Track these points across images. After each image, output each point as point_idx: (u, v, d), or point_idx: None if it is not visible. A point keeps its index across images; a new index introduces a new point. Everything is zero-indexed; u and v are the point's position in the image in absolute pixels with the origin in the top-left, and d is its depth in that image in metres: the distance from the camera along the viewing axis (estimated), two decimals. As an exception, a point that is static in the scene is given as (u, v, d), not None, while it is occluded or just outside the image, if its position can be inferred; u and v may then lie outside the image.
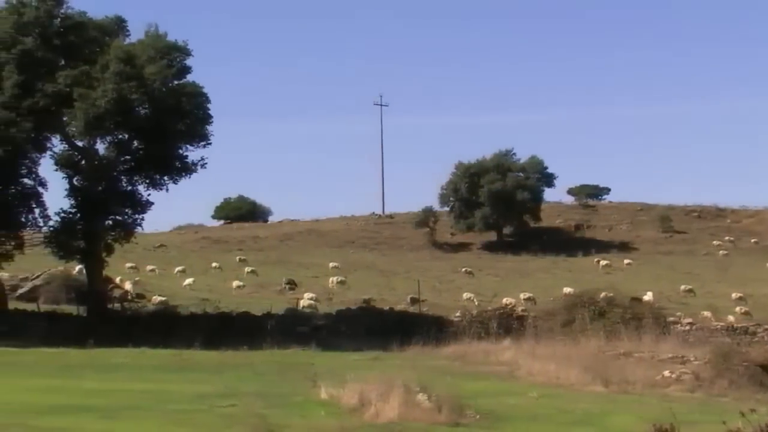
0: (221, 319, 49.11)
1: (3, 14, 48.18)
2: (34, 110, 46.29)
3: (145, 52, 47.48)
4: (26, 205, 48.54)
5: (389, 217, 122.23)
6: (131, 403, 23.28)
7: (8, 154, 44.98)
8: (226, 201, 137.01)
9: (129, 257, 71.31)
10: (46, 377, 30.42)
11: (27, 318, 48.17)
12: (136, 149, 49.85)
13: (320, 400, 23.95)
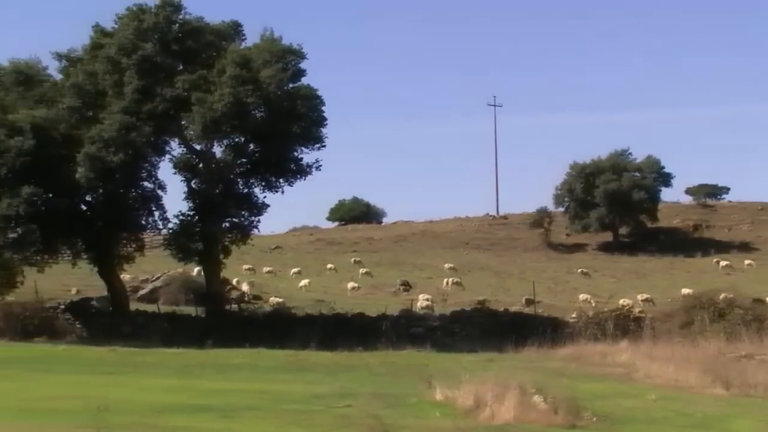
0: (336, 320, 49.38)
1: (124, 21, 49.15)
2: (153, 115, 47.14)
3: (260, 56, 47.93)
4: (146, 208, 49.44)
5: (503, 217, 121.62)
6: (249, 403, 23.54)
7: (129, 158, 45.82)
8: (341, 203, 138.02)
9: (246, 259, 72.28)
10: (167, 377, 30.98)
11: (148, 319, 49.12)
12: (252, 152, 50.40)
13: (435, 401, 23.91)
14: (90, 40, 50.29)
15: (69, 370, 33.03)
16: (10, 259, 45.74)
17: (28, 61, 51.15)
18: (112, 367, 34.59)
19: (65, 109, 47.60)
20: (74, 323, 48.43)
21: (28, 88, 49.83)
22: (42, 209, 45.12)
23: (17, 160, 44.33)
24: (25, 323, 46.81)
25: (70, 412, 21.02)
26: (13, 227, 45.15)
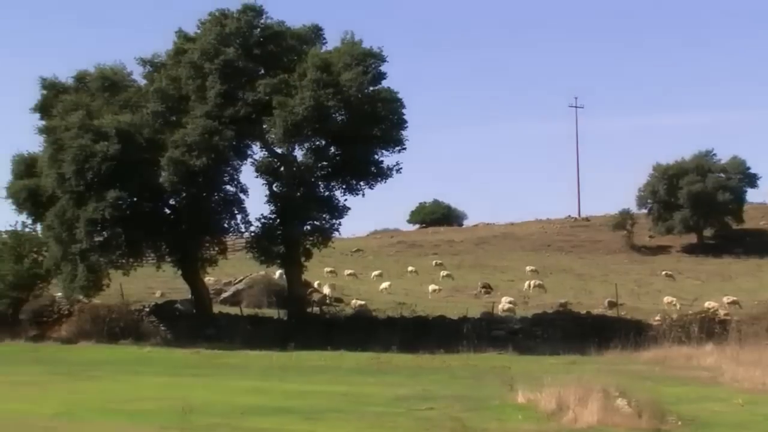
0: (417, 322, 49.33)
1: (206, 26, 49.66)
2: (235, 119, 47.58)
3: (341, 59, 48.09)
4: (229, 211, 49.82)
5: (585, 219, 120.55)
6: (332, 406, 23.63)
7: (212, 162, 46.25)
8: (422, 205, 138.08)
9: (327, 262, 72.61)
10: (250, 379, 31.25)
11: (231, 321, 49.55)
12: (333, 155, 50.60)
13: (517, 404, 23.78)
14: (173, 45, 50.94)
15: (154, 371, 33.51)
16: (97, 262, 46.48)
17: (114, 67, 51.96)
18: (196, 369, 35.06)
19: (149, 113, 48.23)
20: (159, 326, 49.13)
21: (114, 94, 50.62)
22: (127, 213, 45.82)
23: (103, 164, 45.02)
24: (111, 326, 47.68)
25: (155, 413, 21.31)
26: (99, 231, 45.94)
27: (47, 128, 48.87)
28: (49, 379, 29.69)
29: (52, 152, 46.54)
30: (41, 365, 35.69)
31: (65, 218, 46.10)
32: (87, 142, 45.40)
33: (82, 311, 49.32)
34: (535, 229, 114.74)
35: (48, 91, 52.42)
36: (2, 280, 48.81)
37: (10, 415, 20.01)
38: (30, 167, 50.35)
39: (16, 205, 49.98)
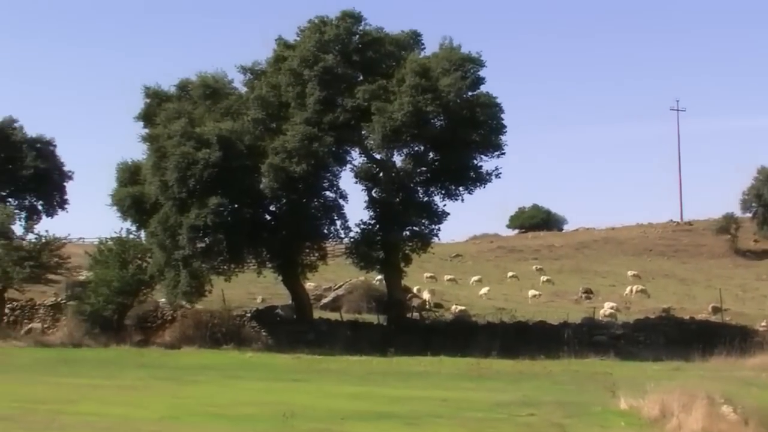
0: (517, 328, 48.96)
1: (306, 33, 50.00)
2: (334, 125, 47.81)
3: (439, 64, 48.01)
4: (328, 217, 50.06)
5: (688, 224, 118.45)
6: (432, 411, 23.55)
7: (311, 168, 46.56)
8: (521, 210, 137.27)
9: (426, 267, 72.57)
10: (351, 384, 31.32)
11: (331, 327, 49.72)
12: (432, 160, 50.51)
13: (620, 411, 23.42)
14: (273, 53, 51.44)
15: (255, 376, 33.79)
16: (199, 268, 47.11)
17: (215, 75, 52.61)
18: (297, 374, 35.26)
19: (250, 121, 48.68)
20: (260, 331, 49.59)
21: (215, 102, 51.24)
22: (228, 219, 46.34)
23: (205, 171, 45.61)
24: (213, 331, 48.30)
25: (257, 418, 21.47)
26: (201, 237, 46.55)
27: (150, 136, 49.75)
28: (154, 384, 30.12)
29: (156, 160, 47.33)
30: (146, 370, 36.28)
31: (168, 225, 46.79)
32: (189, 149, 46.05)
33: (185, 317, 50.05)
34: (636, 234, 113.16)
35: (151, 99, 53.34)
36: (108, 285, 49.65)
37: (117, 420, 20.34)
38: (134, 175, 51.26)
39: (121, 212, 50.87)
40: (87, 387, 28.33)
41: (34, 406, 22.44)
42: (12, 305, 52.44)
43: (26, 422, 19.35)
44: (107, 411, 21.76)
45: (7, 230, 52.04)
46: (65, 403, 23.35)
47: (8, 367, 36.43)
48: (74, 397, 25.02)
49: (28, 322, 52.20)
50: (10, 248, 50.37)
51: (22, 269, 49.16)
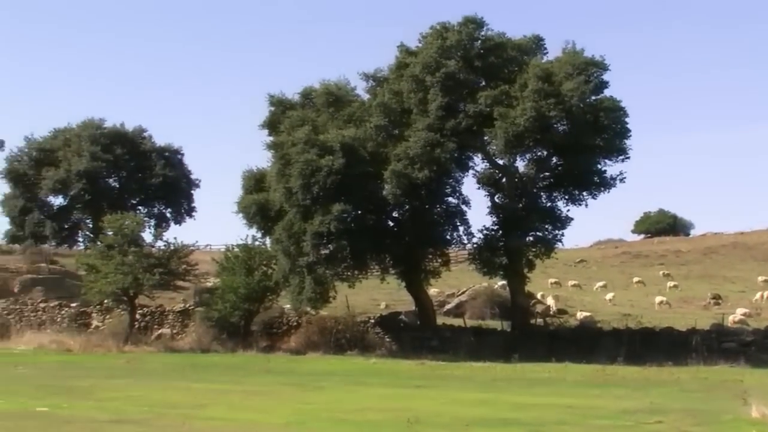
0: (644, 334, 48.14)
1: (428, 40, 50.07)
2: (457, 131, 47.78)
3: (562, 69, 47.60)
4: (451, 223, 50.04)
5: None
6: (557, 418, 23.30)
7: (434, 174, 46.61)
8: (646, 215, 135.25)
9: (550, 273, 72.03)
10: (475, 390, 31.21)
11: (454, 333, 49.71)
12: (555, 165, 50.15)
13: (751, 419, 22.80)
14: (395, 59, 51.60)
15: (380, 382, 33.90)
16: (323, 274, 47.50)
17: (338, 83, 53.13)
18: (421, 380, 35.28)
19: (372, 127, 48.95)
20: (384, 337, 49.79)
21: (338, 109, 51.71)
22: (352, 226, 46.63)
23: (328, 178, 46.02)
24: (337, 337, 48.71)
25: (382, 424, 21.54)
26: (325, 244, 46.93)
27: (275, 144, 50.41)
28: (280, 389, 30.45)
29: (280, 167, 47.92)
30: (272, 375, 36.72)
31: (293, 232, 47.30)
32: (313, 156, 46.51)
33: (310, 323, 50.53)
34: (767, 239, 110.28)
35: (276, 107, 54.11)
36: (234, 292, 50.42)
37: (244, 425, 20.62)
38: (259, 182, 52.03)
39: (247, 219, 51.62)
40: (215, 392, 28.81)
41: (165, 410, 22.91)
42: (142, 311, 53.64)
43: (158, 426, 19.76)
44: (235, 416, 22.10)
45: (137, 238, 53.24)
46: (195, 407, 23.78)
47: (140, 372, 37.29)
48: (203, 401, 25.47)
49: (158, 327, 53.36)
50: (141, 255, 51.52)
51: (151, 276, 50.20)
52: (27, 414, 21.26)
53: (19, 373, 35.43)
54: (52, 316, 54.87)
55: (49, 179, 73.58)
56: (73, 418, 20.67)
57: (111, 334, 51.05)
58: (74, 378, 33.09)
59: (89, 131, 76.09)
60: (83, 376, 34.24)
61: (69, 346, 48.77)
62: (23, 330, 53.03)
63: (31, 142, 78.29)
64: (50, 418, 20.62)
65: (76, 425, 19.35)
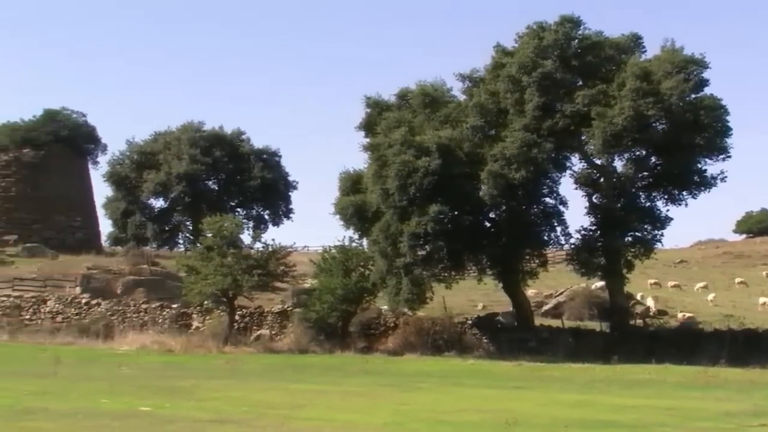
0: (747, 335, 47.38)
1: (524, 39, 49.83)
2: (554, 131, 47.51)
3: (661, 67, 47.01)
4: (548, 223, 49.84)
5: None
6: (657, 420, 23.02)
7: (531, 174, 46.44)
8: (748, 214, 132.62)
9: (650, 273, 71.07)
10: (573, 392, 31.01)
11: (552, 334, 49.44)
12: (654, 165, 49.60)
13: None
14: (491, 60, 51.47)
15: (477, 383, 33.86)
16: (420, 275, 47.59)
17: (434, 84, 53.20)
18: (519, 381, 35.18)
19: (469, 128, 48.91)
20: (481, 338, 49.67)
21: (434, 110, 51.76)
22: (448, 227, 46.64)
23: (425, 179, 46.09)
24: (435, 338, 48.70)
25: (480, 425, 21.52)
26: (422, 245, 47.02)
27: (371, 145, 50.68)
28: (378, 390, 30.57)
29: (377, 169, 48.13)
30: (370, 376, 36.89)
31: (389, 233, 47.44)
32: (409, 157, 46.63)
33: (407, 324, 50.60)
34: None
35: (372, 109, 54.42)
36: (332, 293, 50.69)
37: (343, 425, 20.74)
38: (356, 184, 52.29)
39: (344, 220, 51.91)
40: (314, 393, 29.02)
41: (265, 410, 23.15)
42: (242, 312, 54.20)
43: (258, 426, 19.98)
44: (334, 417, 22.24)
45: (236, 239, 53.85)
46: (294, 408, 24.00)
47: (240, 372, 37.74)
48: (302, 402, 25.69)
49: (257, 328, 53.88)
50: (240, 257, 52.07)
51: (250, 277, 50.68)
52: (131, 413, 21.65)
53: (122, 374, 36.08)
54: (153, 317, 55.74)
55: (150, 182, 74.80)
56: (175, 417, 21.00)
57: (211, 335, 51.68)
58: (176, 378, 33.61)
59: (189, 134, 77.21)
60: (184, 376, 34.76)
61: (170, 346, 49.50)
62: (126, 331, 53.94)
63: (132, 146, 79.70)
64: (153, 417, 20.97)
65: (178, 425, 19.66)
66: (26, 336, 54.11)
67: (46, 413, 20.81)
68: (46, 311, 57.76)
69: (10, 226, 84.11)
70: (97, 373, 35.48)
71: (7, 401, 23.12)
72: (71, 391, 27.24)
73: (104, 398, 25.12)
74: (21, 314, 57.79)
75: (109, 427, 18.84)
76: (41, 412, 20.86)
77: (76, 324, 55.37)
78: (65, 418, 19.96)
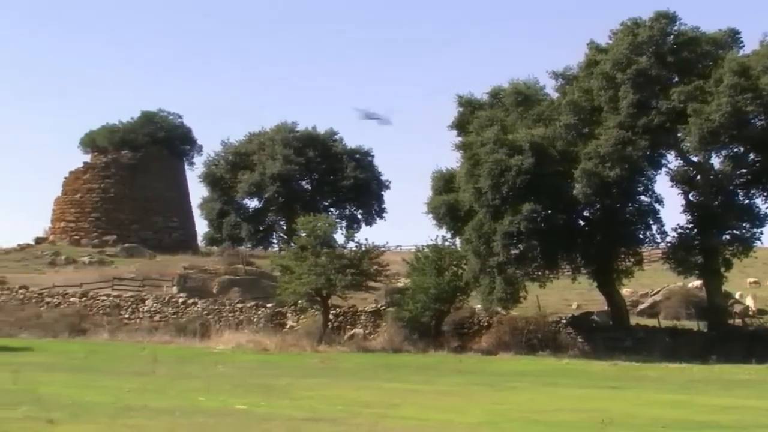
0: None
1: (618, 36, 49.34)
2: (648, 128, 46.95)
3: (760, 62, 46.09)
4: (644, 221, 49.25)
5: None
6: (757, 421, 22.55)
7: (625, 172, 45.97)
8: None
9: (749, 272, 69.71)
10: (670, 392, 30.57)
11: (648, 333, 48.87)
12: (752, 162, 48.83)
13: None
14: (585, 57, 51.06)
15: (572, 383, 33.60)
16: (514, 274, 47.43)
17: (527, 82, 53.00)
18: (614, 381, 34.83)
19: (562, 126, 48.60)
20: (576, 337, 49.28)
21: (527, 108, 51.53)
22: (542, 226, 46.37)
23: (518, 178, 45.91)
24: (529, 337, 48.45)
25: (575, 425, 21.34)
26: (515, 244, 46.84)
27: (464, 144, 50.64)
28: (472, 390, 30.48)
29: (469, 167, 48.06)
30: (463, 376, 36.83)
31: (482, 232, 47.34)
32: (502, 156, 46.48)
33: (501, 323, 50.41)
34: None
35: (464, 108, 54.36)
36: (425, 292, 50.67)
37: (437, 425, 20.72)
38: (448, 183, 52.29)
39: (436, 219, 51.95)
40: (408, 392, 29.04)
41: (359, 409, 23.22)
42: (335, 311, 54.49)
43: (351, 425, 20.04)
44: (428, 416, 22.22)
45: (329, 239, 54.20)
46: (388, 407, 24.02)
47: (335, 371, 37.97)
48: (396, 401, 25.70)
49: (350, 327, 54.13)
50: (333, 256, 52.34)
51: (344, 276, 50.93)
52: (227, 411, 21.87)
53: (218, 372, 36.52)
54: (248, 316, 56.34)
55: (244, 182, 75.61)
56: (270, 415, 21.16)
57: (305, 334, 52.04)
58: (271, 377, 33.89)
59: (282, 135, 77.89)
60: (279, 375, 35.03)
61: (265, 345, 49.95)
62: (222, 330, 54.57)
63: (227, 147, 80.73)
64: (248, 415, 21.17)
65: (273, 423, 19.80)
66: (125, 335, 55.10)
67: (146, 411, 21.15)
68: (145, 310, 58.76)
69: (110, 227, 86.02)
70: (193, 372, 35.98)
71: (109, 399, 23.55)
72: (169, 389, 27.65)
73: (201, 396, 25.43)
74: (120, 313, 58.83)
75: (206, 424, 19.08)
76: (141, 410, 21.20)
77: (173, 323, 56.26)
78: (164, 416, 20.27)
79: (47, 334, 55.18)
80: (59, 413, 19.33)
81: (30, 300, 60.95)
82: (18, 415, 19.43)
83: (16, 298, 61.19)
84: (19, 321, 57.67)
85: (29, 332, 55.52)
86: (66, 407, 20.98)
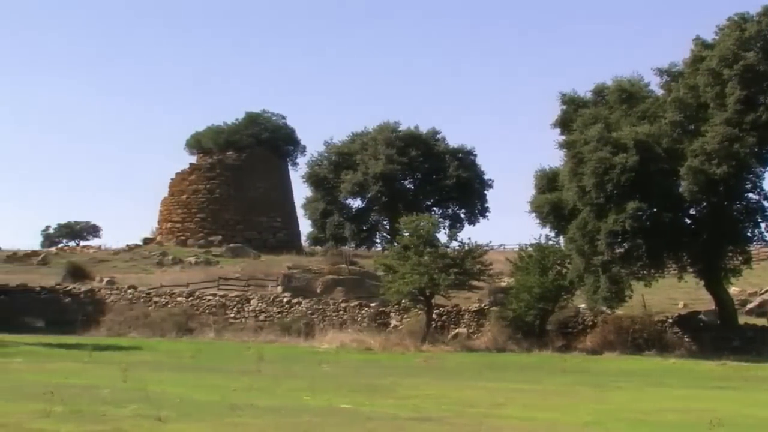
0: None
1: (725, 32, 48.44)
2: (756, 125, 46.07)
3: None
4: (752, 219, 48.44)
5: None
6: None
7: (732, 169, 45.23)
8: None
9: None
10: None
11: (757, 333, 48.06)
12: None
13: None
14: (690, 53, 50.24)
15: (679, 383, 33.26)
16: (618, 273, 47.00)
17: (631, 79, 52.40)
18: (722, 381, 34.39)
19: (667, 123, 47.97)
20: (683, 337, 48.68)
21: (631, 105, 50.97)
22: (647, 224, 45.92)
23: (622, 176, 45.47)
24: (635, 336, 48.00)
25: (681, 425, 21.17)
26: (619, 242, 46.43)
27: (567, 142, 50.26)
28: (577, 389, 30.36)
29: (573, 166, 47.77)
30: (568, 375, 36.67)
31: (586, 230, 47.01)
32: (606, 154, 46.09)
33: (606, 322, 50.00)
34: None
35: (567, 106, 54.00)
36: (529, 291, 50.50)
37: (543, 424, 20.71)
38: (552, 181, 52.04)
39: (540, 218, 51.81)
40: (512, 391, 29.03)
41: (463, 408, 23.31)
42: (439, 311, 54.56)
43: (456, 424, 20.14)
44: (533, 415, 22.22)
45: (432, 238, 54.27)
46: (492, 406, 24.07)
47: (438, 370, 38.11)
48: (500, 400, 25.72)
49: (454, 327, 54.16)
50: (436, 256, 52.43)
51: (447, 276, 50.99)
52: (331, 410, 22.11)
53: (323, 371, 36.90)
54: (352, 315, 56.73)
55: (347, 182, 76.16)
56: (375, 414, 21.34)
57: (409, 333, 52.21)
58: (375, 376, 34.11)
59: (385, 134, 78.26)
60: (383, 374, 35.24)
61: (369, 344, 50.29)
62: (326, 329, 55.05)
63: (330, 147, 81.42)
64: (353, 414, 21.38)
65: (378, 422, 19.97)
66: (231, 334, 55.99)
67: (252, 409, 21.50)
68: (250, 310, 59.55)
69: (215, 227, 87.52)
70: (298, 371, 36.44)
71: (216, 397, 23.98)
72: (275, 388, 28.03)
73: (306, 395, 25.75)
74: (226, 313, 59.72)
75: (311, 423, 19.32)
76: (248, 408, 21.54)
77: (278, 322, 56.93)
78: (269, 414, 20.59)
79: (155, 333, 56.40)
80: (168, 411, 19.76)
81: (138, 300, 62.31)
82: (128, 413, 19.94)
83: (125, 298, 62.56)
84: (128, 320, 59.06)
85: (138, 331, 56.85)
86: (174, 405, 21.44)
